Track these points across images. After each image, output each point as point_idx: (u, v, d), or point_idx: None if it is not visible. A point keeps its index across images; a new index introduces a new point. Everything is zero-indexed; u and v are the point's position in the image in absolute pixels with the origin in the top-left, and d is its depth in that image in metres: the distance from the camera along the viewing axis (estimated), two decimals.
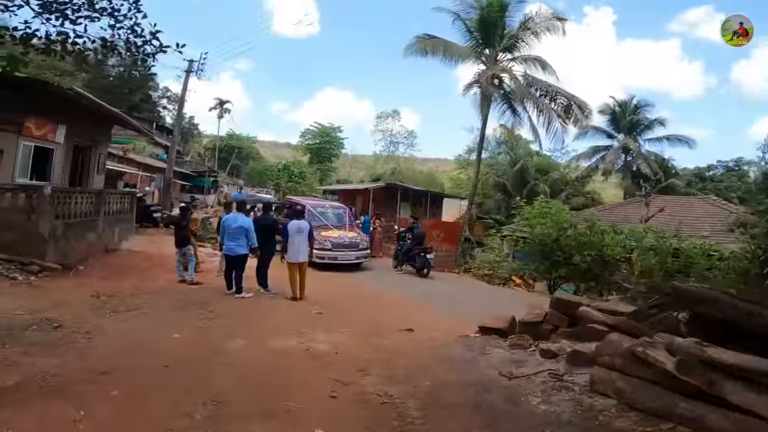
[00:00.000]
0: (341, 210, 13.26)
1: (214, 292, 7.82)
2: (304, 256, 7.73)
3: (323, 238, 11.35)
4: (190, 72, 16.39)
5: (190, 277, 8.24)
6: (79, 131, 10.78)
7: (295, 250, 7.63)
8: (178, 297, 7.21)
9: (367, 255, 12.21)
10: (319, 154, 52.67)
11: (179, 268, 8.33)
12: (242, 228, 7.54)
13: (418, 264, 11.60)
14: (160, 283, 8.09)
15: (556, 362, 4.23)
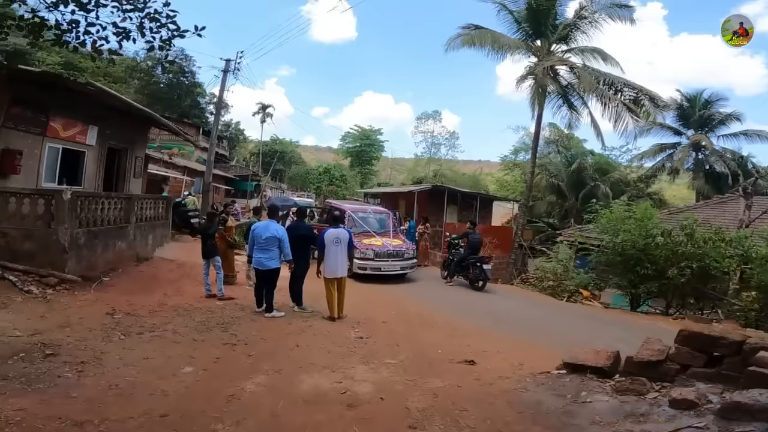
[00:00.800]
0: (384, 215, 12.11)
1: (243, 309, 6.89)
2: (343, 270, 6.63)
3: (365, 246, 10.24)
4: (227, 72, 15.96)
5: (219, 293, 7.36)
6: (114, 133, 10.36)
7: (333, 263, 6.54)
8: (202, 316, 6.32)
9: (413, 265, 10.96)
10: (359, 157, 52.18)
11: (206, 281, 7.48)
12: (274, 238, 6.57)
13: (472, 275, 10.23)
14: (187, 299, 7.26)
15: (698, 416, 2.94)
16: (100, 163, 10.07)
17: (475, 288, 10.15)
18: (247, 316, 6.55)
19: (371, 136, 53.32)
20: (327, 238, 6.52)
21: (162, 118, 11.51)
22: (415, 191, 17.50)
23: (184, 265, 9.77)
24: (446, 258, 11.46)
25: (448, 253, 11.31)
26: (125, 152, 11.26)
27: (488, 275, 10.13)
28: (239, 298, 7.49)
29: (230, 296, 7.45)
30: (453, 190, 18.00)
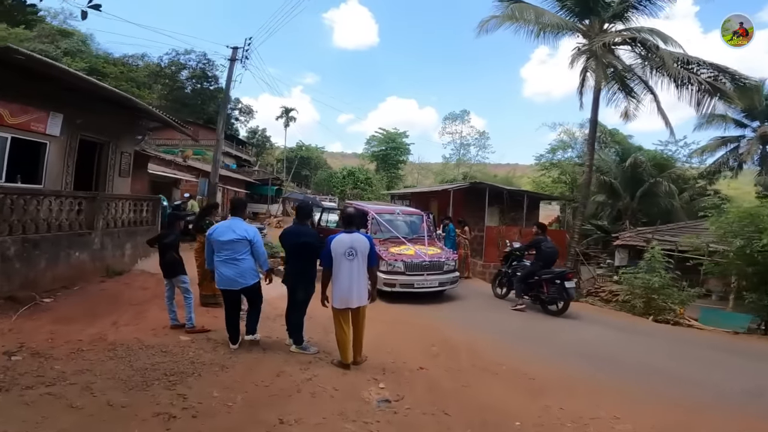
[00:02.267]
0: (417, 217, 9.78)
1: (216, 349, 4.75)
2: (360, 295, 4.37)
3: (393, 256, 7.95)
4: (234, 60, 14.17)
5: (188, 323, 5.25)
6: (88, 123, 8.56)
7: (345, 285, 4.29)
8: (148, 360, 4.23)
9: (455, 279, 8.57)
10: (385, 161, 50.19)
11: (171, 307, 5.38)
12: (243, 241, 4.56)
13: (547, 295, 7.69)
14: (141, 330, 5.18)
15: None
16: (69, 158, 8.26)
17: (549, 312, 7.65)
18: (216, 361, 4.40)
19: (397, 139, 51.27)
20: (335, 247, 4.27)
21: (152, 109, 9.68)
22: (450, 190, 15.08)
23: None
24: (500, 271, 9.01)
25: (504, 264, 8.82)
26: (107, 147, 9.47)
27: (572, 295, 7.61)
28: (216, 330, 5.35)
29: (203, 328, 5.32)
30: (496, 189, 15.42)
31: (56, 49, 31.32)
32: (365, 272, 4.32)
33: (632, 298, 8.70)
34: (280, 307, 5.04)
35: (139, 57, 39.51)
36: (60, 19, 36.73)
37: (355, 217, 4.37)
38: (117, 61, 34.40)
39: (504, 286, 8.76)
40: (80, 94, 7.89)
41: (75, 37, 34.65)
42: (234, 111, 50.58)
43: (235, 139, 42.38)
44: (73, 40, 34.09)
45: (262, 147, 53.11)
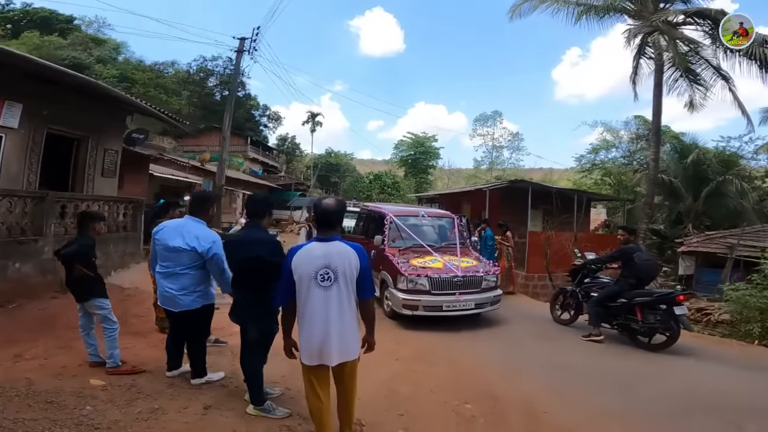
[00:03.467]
0: (447, 220, 7.90)
1: (129, 400, 3.19)
2: (344, 346, 2.55)
3: (415, 271, 6.13)
4: (241, 52, 12.94)
5: (109, 361, 3.68)
6: (58, 115, 7.40)
7: (316, 328, 2.49)
8: (11, 414, 2.73)
9: (497, 299, 6.63)
10: (414, 166, 48.31)
11: (87, 340, 3.86)
12: (189, 252, 3.28)
13: (643, 325, 5.55)
14: (44, 367, 3.70)
15: None
16: (33, 153, 7.03)
17: (641, 345, 5.61)
18: (121, 424, 2.81)
19: (425, 143, 49.27)
20: (299, 266, 2.48)
21: (132, 99, 8.38)
22: (485, 190, 13.09)
23: (134, 297, 6.38)
24: (562, 289, 6.99)
25: (572, 281, 6.72)
26: (85, 142, 8.23)
27: (686, 325, 5.55)
28: (156, 370, 3.76)
29: (133, 368, 3.77)
30: (541, 188, 13.26)
31: (89, 56, 31.83)
32: (352, 307, 2.56)
33: (744, 321, 6.44)
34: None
35: (169, 64, 39.84)
36: (95, 27, 37.61)
37: (333, 214, 2.58)
38: (146, 68, 34.56)
39: (570, 308, 6.70)
40: (45, 82, 6.75)
41: (107, 44, 35.18)
42: (262, 118, 50.79)
43: (261, 145, 41.93)
44: (105, 47, 34.61)
45: (292, 154, 53.09)
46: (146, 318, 5.44)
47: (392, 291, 6.21)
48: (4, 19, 32.12)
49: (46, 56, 29.18)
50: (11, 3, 34.29)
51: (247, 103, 46.31)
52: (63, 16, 35.04)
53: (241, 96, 45.52)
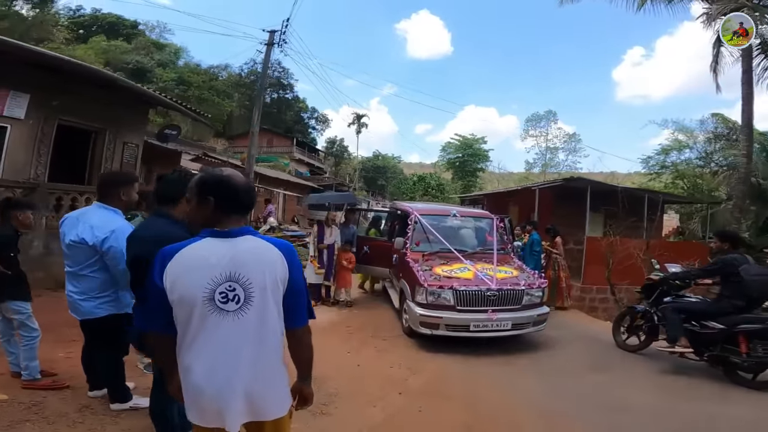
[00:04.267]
0: (484, 221, 6.70)
1: (30, 407, 2.47)
2: (256, 401, 1.50)
3: (437, 281, 5.02)
4: (271, 45, 12.43)
5: (25, 374, 3.05)
6: (71, 106, 7.12)
7: (209, 371, 1.46)
8: None
9: (541, 318, 5.33)
10: (462, 168, 46.44)
11: (7, 347, 3.26)
12: (80, 246, 2.58)
13: (748, 359, 4.12)
14: None
15: None
16: (42, 145, 6.75)
17: (745, 383, 4.18)
18: None
19: (474, 145, 47.20)
20: (178, 278, 1.46)
21: (147, 90, 8.00)
22: (535, 189, 11.59)
23: None
24: (631, 309, 5.57)
25: (645, 299, 5.25)
26: (102, 135, 7.94)
27: None
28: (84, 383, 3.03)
29: (52, 383, 3.13)
30: (604, 187, 11.50)
31: (151, 60, 33.62)
32: (277, 340, 1.56)
33: None
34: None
35: (223, 68, 41.22)
36: (157, 32, 39.80)
37: (244, 191, 1.59)
38: (201, 72, 35.92)
39: (640, 332, 5.27)
40: (53, 72, 6.46)
41: (168, 49, 37.01)
42: (311, 120, 51.45)
43: (307, 146, 42.24)
44: (165, 52, 36.41)
45: (340, 157, 53.26)
46: None
47: (409, 304, 5.15)
48: (75, 24, 34.35)
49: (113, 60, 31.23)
50: (82, 8, 36.78)
51: (295, 106, 47.10)
52: (128, 21, 37.00)
53: (289, 98, 46.46)
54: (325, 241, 6.88)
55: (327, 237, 6.93)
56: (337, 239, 7.01)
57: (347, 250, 6.98)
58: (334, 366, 4.20)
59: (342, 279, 6.90)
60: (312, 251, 6.95)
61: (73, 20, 34.64)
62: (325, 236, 6.92)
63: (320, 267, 6.79)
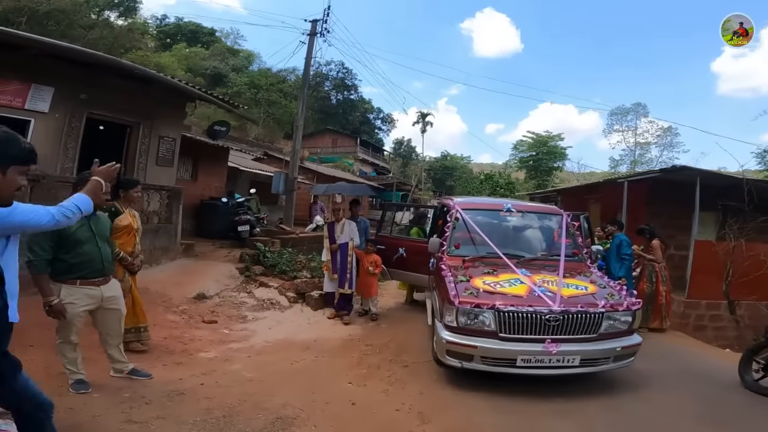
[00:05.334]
0: (549, 218, 5.18)
1: None
2: None
3: (473, 296, 3.66)
4: (314, 35, 11.71)
5: None
6: (102, 100, 6.95)
7: None
8: None
9: (628, 351, 3.74)
10: (536, 167, 42.92)
11: None
12: None
13: None
14: None
15: None
16: (69, 139, 6.62)
17: None
18: None
19: (549, 143, 43.36)
20: None
21: (177, 82, 7.60)
22: (623, 183, 9.55)
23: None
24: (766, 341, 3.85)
25: None
26: (136, 129, 7.73)
27: None
28: None
29: None
30: (722, 180, 9.01)
31: (226, 65, 35.60)
32: None
33: None
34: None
35: (290, 71, 42.52)
36: (231, 39, 42.19)
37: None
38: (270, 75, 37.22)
39: None
40: (79, 65, 6.30)
41: (241, 54, 38.98)
42: (376, 120, 51.32)
43: (371, 146, 41.96)
44: (239, 57, 38.37)
45: (408, 158, 52.71)
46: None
47: (437, 325, 3.89)
48: (161, 33, 37.52)
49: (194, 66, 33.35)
50: (167, 17, 40.07)
51: (361, 107, 47.21)
52: (206, 29, 39.51)
53: (354, 99, 46.67)
54: (337, 240, 5.78)
55: (337, 234, 5.80)
56: (353, 236, 5.90)
57: (369, 250, 5.86)
58: (320, 401, 3.14)
59: (366, 286, 5.78)
60: (325, 256, 5.90)
61: (159, 29, 37.74)
62: (335, 233, 5.81)
63: (334, 271, 5.75)
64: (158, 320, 4.87)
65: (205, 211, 10.02)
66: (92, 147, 8.00)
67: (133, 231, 4.02)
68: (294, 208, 11.83)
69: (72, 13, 25.20)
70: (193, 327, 4.99)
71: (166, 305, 5.48)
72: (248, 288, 6.62)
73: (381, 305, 6.60)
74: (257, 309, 5.93)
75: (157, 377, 3.50)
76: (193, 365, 3.89)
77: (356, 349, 4.68)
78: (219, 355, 4.23)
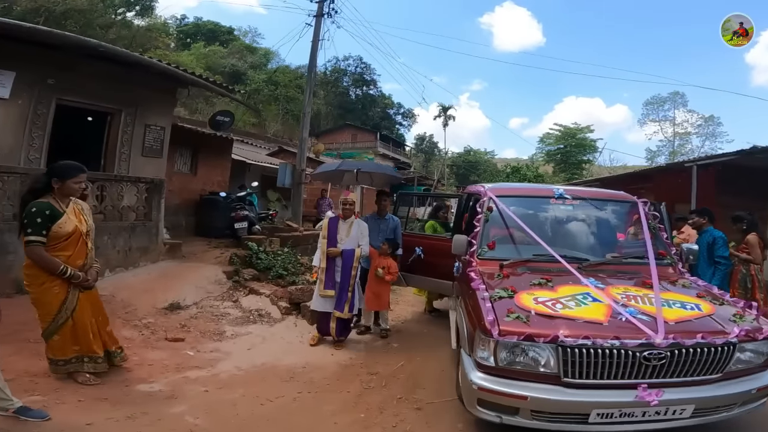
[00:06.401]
0: (618, 209, 3.82)
1: None
2: None
3: (521, 322, 2.38)
4: (321, 16, 10.56)
5: None
6: (75, 85, 6.03)
7: None
8: None
9: (763, 393, 2.42)
10: (564, 161, 40.56)
11: None
12: None
13: None
14: None
15: None
16: (35, 127, 5.71)
17: None
18: None
19: (578, 135, 40.89)
20: None
21: (161, 63, 6.58)
22: (691, 167, 8.02)
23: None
24: None
25: None
26: (118, 116, 6.80)
27: None
28: None
29: None
30: None
31: (244, 63, 35.18)
32: None
33: None
34: None
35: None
36: (249, 37, 41.94)
37: None
38: (288, 71, 36.60)
39: None
40: (43, 46, 5.37)
41: (258, 52, 38.60)
42: (397, 116, 50.12)
43: (391, 141, 40.83)
44: (257, 55, 37.97)
45: (431, 154, 51.66)
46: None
47: (463, 360, 2.64)
48: (181, 32, 37.64)
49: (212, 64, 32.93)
50: (186, 18, 40.27)
51: (381, 102, 46.10)
52: (225, 27, 39.50)
53: (374, 95, 45.60)
54: (339, 244, 4.27)
55: (341, 236, 4.28)
56: (362, 242, 4.33)
57: (386, 253, 4.51)
58: None
59: (373, 297, 4.50)
60: (317, 260, 4.36)
61: (179, 29, 37.86)
62: (339, 234, 4.29)
63: (328, 286, 4.23)
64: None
65: (205, 208, 9.07)
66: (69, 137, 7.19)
67: (82, 236, 2.99)
68: (303, 203, 10.74)
69: (89, 12, 25.14)
70: (150, 346, 3.93)
71: (127, 318, 4.46)
72: (235, 296, 5.54)
73: (394, 316, 5.40)
74: (240, 322, 4.83)
75: (57, 420, 2.49)
76: (120, 403, 2.83)
77: (355, 379, 3.51)
78: (165, 388, 3.14)
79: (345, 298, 4.19)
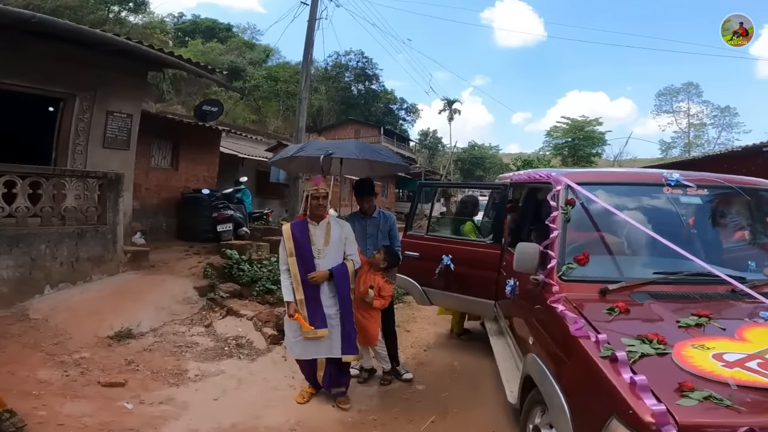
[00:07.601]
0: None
1: None
2: None
3: (716, 403, 1.16)
4: None
5: None
6: (18, 67, 4.94)
7: None
8: None
9: None
10: (573, 154, 39.08)
11: None
12: None
13: None
14: None
15: None
16: None
17: None
18: None
19: (586, 128, 39.38)
20: None
21: (137, 45, 5.41)
22: None
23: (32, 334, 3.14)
24: None
25: None
26: (71, 102, 5.63)
27: None
28: None
29: None
30: None
31: (243, 60, 34.11)
32: None
33: None
34: None
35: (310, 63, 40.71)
36: (248, 34, 40.99)
37: None
38: (289, 67, 35.52)
39: None
40: None
41: (257, 48, 37.62)
42: (400, 111, 48.91)
43: (395, 136, 39.77)
44: (256, 51, 36.95)
45: (435, 149, 51.16)
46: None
47: None
48: (179, 30, 36.78)
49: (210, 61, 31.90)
50: (183, 15, 39.50)
51: (383, 97, 44.93)
52: (223, 24, 38.65)
53: (376, 90, 44.40)
54: (317, 262, 2.85)
55: (319, 247, 2.87)
56: (349, 249, 2.97)
57: (378, 266, 3.15)
58: None
59: (364, 331, 3.10)
60: (288, 291, 2.86)
61: (177, 27, 37.01)
62: (314, 246, 2.87)
63: (316, 323, 2.82)
64: (17, 381, 2.71)
65: (187, 207, 7.90)
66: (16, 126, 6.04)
67: None
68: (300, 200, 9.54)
69: (79, 9, 24.21)
70: (70, 394, 2.73)
71: (54, 351, 3.28)
72: (208, 318, 4.33)
73: (412, 340, 4.20)
74: (211, 356, 3.62)
75: None
76: None
77: None
78: None
79: (345, 334, 2.87)
